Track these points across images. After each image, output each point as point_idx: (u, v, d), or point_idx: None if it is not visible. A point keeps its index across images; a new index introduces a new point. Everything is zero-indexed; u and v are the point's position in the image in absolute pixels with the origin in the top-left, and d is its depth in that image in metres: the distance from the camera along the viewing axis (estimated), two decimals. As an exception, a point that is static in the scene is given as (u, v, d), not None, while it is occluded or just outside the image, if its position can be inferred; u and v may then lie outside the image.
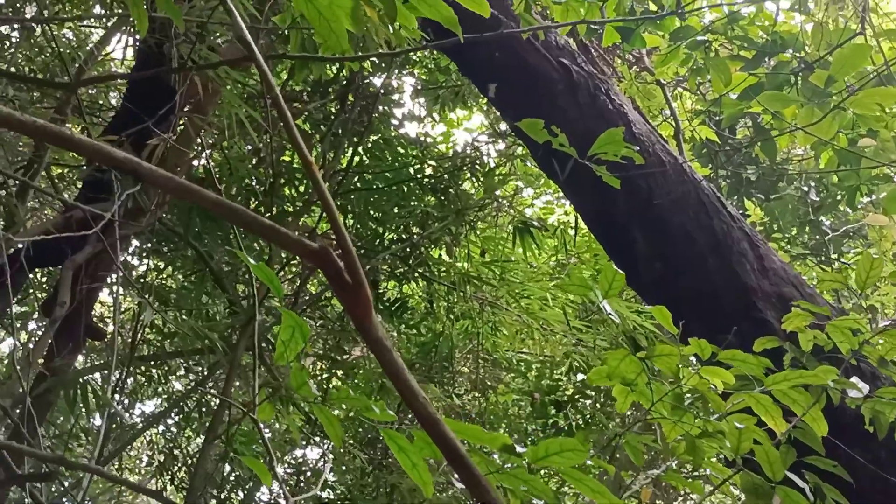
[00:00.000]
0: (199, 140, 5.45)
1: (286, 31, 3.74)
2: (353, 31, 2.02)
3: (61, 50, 4.72)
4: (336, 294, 1.24)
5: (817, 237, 6.41)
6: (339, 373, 6.20)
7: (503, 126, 6.48)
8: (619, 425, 5.42)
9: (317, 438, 5.82)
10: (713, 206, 4.03)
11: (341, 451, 5.51)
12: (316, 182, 1.22)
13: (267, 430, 6.13)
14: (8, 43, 5.27)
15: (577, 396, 6.22)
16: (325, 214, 5.75)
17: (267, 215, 5.58)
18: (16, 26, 5.10)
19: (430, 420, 1.09)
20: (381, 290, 5.81)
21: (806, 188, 6.23)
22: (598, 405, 6.14)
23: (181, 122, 4.87)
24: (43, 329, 5.46)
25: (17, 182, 4.55)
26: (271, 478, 1.83)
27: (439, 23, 2.06)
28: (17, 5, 4.86)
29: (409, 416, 5.37)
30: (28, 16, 5.15)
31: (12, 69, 4.96)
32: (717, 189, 4.37)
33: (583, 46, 5.29)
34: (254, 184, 5.78)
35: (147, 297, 5.24)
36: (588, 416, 6.07)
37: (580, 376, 5.97)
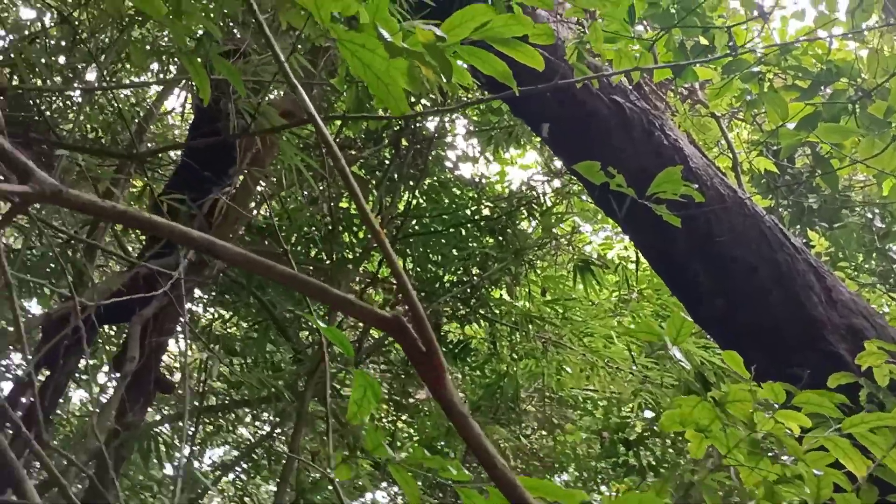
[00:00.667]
0: (257, 191, 5.58)
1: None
2: (410, 90, 2.06)
3: (122, 108, 4.89)
4: (409, 360, 1.28)
5: (884, 264, 6.25)
6: (405, 417, 6.23)
7: (558, 163, 6.50)
8: (691, 463, 5.32)
9: (384, 484, 5.84)
10: (776, 238, 3.97)
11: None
12: (386, 252, 1.26)
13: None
14: (69, 102, 5.46)
15: (646, 434, 6.13)
16: (386, 263, 5.82)
17: (327, 263, 5.69)
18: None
19: (508, 484, 1.11)
20: (443, 333, 5.84)
21: (870, 215, 6.09)
22: (668, 442, 6.04)
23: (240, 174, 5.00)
24: (114, 381, 5.59)
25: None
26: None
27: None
28: (79, 67, 5.06)
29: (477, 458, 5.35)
30: (90, 77, 5.37)
31: (76, 129, 5.15)
32: (778, 220, 4.30)
33: (635, 84, 5.29)
34: (313, 231, 5.88)
35: (214, 347, 5.35)
36: (659, 454, 5.96)
37: (648, 413, 5.89)
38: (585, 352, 5.53)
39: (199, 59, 2.58)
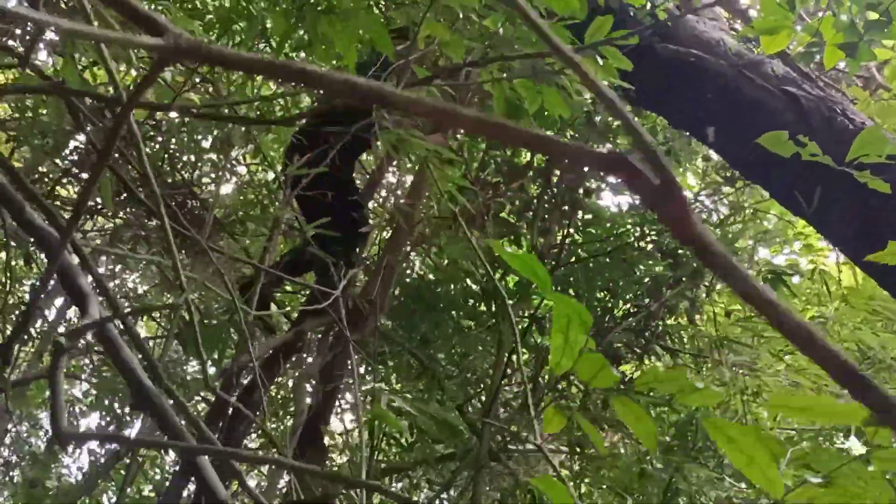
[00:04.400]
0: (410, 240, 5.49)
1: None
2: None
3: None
4: (644, 202, 0.99)
5: None
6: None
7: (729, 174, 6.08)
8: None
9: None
10: None
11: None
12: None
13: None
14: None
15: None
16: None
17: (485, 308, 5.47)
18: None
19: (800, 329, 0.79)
20: (620, 370, 5.39)
21: None
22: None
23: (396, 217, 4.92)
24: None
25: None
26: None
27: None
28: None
29: None
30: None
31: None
32: None
33: (805, 76, 4.86)
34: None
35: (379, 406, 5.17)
36: None
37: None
38: (788, 372, 4.93)
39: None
